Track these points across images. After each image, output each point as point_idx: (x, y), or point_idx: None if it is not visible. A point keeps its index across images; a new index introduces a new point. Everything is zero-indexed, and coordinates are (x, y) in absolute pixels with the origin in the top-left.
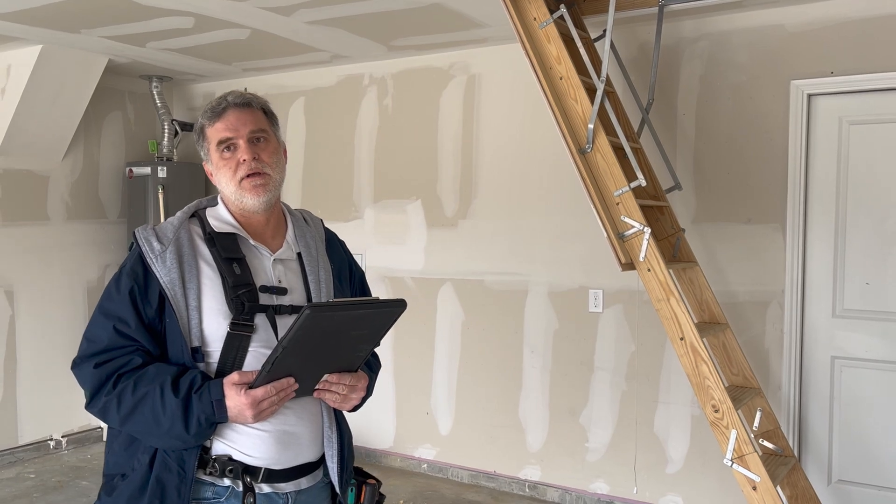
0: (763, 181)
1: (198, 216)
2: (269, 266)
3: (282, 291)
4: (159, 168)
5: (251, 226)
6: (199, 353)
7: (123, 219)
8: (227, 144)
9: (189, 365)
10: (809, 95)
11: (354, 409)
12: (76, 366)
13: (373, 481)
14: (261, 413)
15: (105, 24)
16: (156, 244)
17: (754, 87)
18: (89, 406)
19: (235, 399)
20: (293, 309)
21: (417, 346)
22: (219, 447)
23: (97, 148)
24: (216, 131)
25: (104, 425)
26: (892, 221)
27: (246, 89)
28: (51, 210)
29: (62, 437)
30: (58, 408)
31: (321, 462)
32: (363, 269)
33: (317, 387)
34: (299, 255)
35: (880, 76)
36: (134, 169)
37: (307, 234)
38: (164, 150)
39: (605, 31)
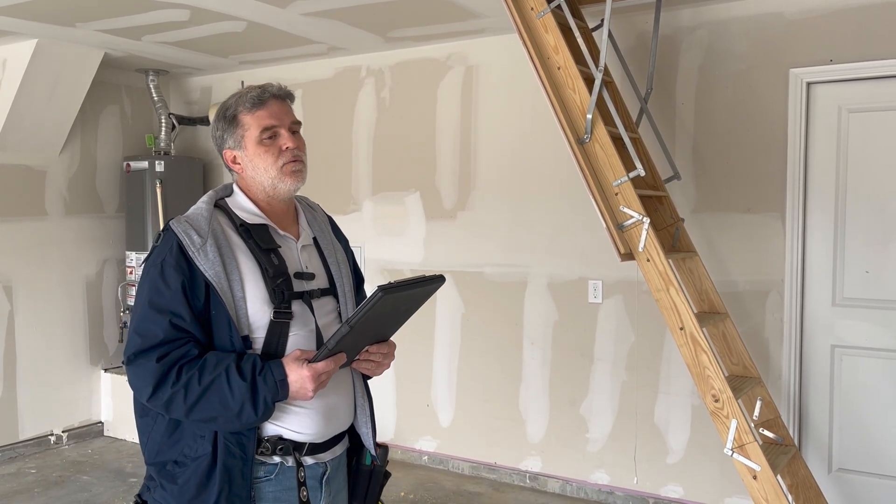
0: (762, 170)
1: (220, 207)
2: (297, 253)
3: (310, 277)
4: (157, 162)
5: (275, 214)
6: (247, 341)
7: (121, 213)
8: (271, 132)
9: (239, 350)
10: (808, 83)
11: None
12: (132, 362)
13: (384, 444)
14: (319, 386)
15: (100, 18)
16: (196, 237)
17: (753, 75)
18: (151, 399)
19: (297, 373)
20: (322, 292)
21: (417, 339)
22: (269, 428)
23: (94, 142)
24: (258, 119)
25: (105, 419)
26: (891, 209)
27: (243, 83)
28: (49, 205)
29: (63, 432)
30: (58, 403)
31: (349, 428)
32: (362, 260)
33: (356, 357)
34: (314, 239)
35: (880, 64)
36: (131, 163)
37: (317, 219)
38: (162, 145)
39: (603, 20)
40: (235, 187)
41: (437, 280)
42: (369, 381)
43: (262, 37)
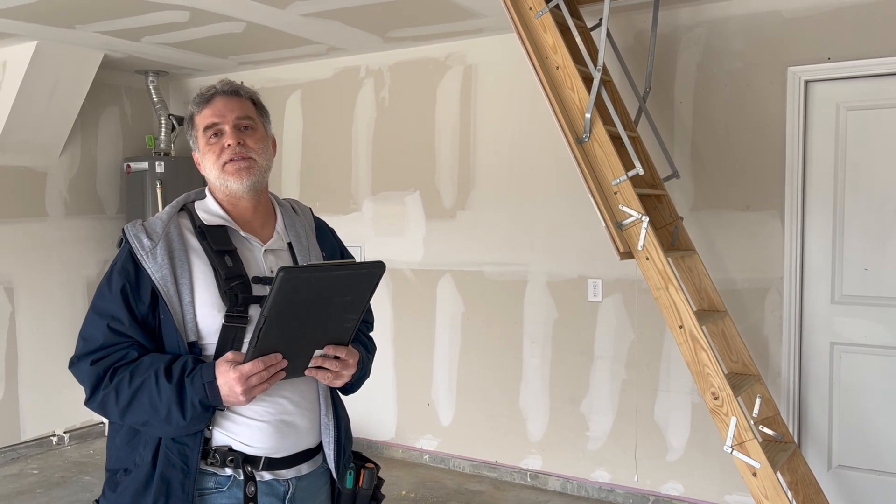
0: (761, 168)
1: (186, 209)
2: (260, 257)
3: (271, 281)
4: (157, 163)
5: (240, 215)
6: (196, 347)
7: (122, 214)
8: (214, 130)
9: (182, 354)
10: (807, 81)
11: (351, 389)
12: (73, 364)
13: (371, 465)
14: (251, 390)
15: (100, 19)
16: (146, 241)
17: (751, 73)
18: (89, 402)
19: (225, 376)
20: None
21: (418, 338)
22: (219, 438)
23: (94, 143)
24: (203, 117)
25: (106, 420)
26: (890, 207)
27: (242, 83)
28: (49, 206)
29: (64, 432)
30: (60, 404)
31: (321, 447)
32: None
33: (309, 365)
34: (290, 244)
35: (878, 61)
36: (132, 164)
37: (297, 224)
38: (162, 145)
39: (601, 19)
40: (206, 189)
41: (373, 267)
42: (345, 398)
43: (262, 37)
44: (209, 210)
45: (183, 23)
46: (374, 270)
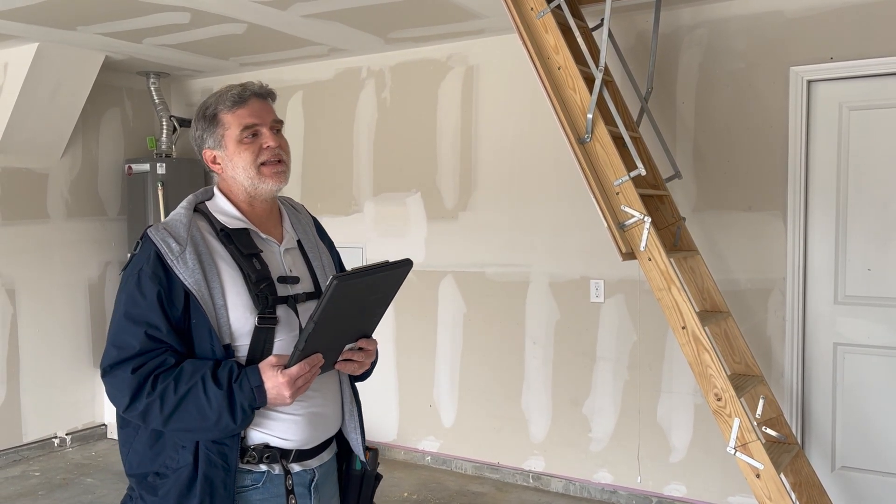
0: (763, 168)
1: (200, 211)
2: (280, 257)
3: (295, 280)
4: (158, 164)
5: (256, 216)
6: (229, 349)
7: (123, 216)
8: (252, 130)
9: (221, 360)
10: (809, 81)
11: (366, 376)
12: (108, 374)
13: (373, 447)
14: (297, 391)
15: (101, 21)
16: (174, 245)
17: (753, 74)
18: (128, 410)
19: (273, 380)
20: (308, 296)
21: (419, 339)
22: (255, 436)
23: (96, 145)
24: (239, 117)
25: (108, 422)
26: (893, 207)
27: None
28: (51, 208)
29: (66, 434)
30: (61, 406)
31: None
32: (363, 262)
33: (339, 359)
34: (298, 242)
35: (880, 61)
36: (133, 166)
37: (301, 222)
38: (163, 147)
39: (602, 19)
40: (216, 190)
41: (404, 265)
42: (358, 385)
43: (263, 38)
44: (225, 212)
45: (184, 24)
46: (406, 268)
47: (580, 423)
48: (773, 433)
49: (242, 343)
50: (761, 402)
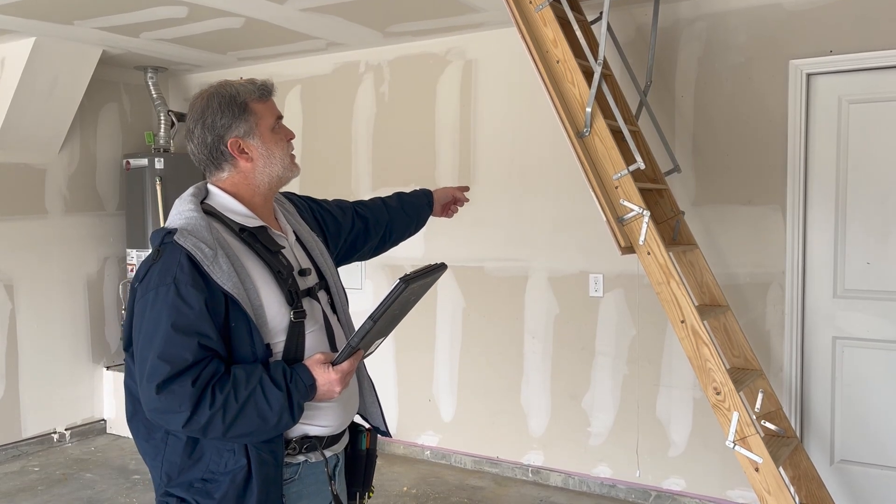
0: (763, 162)
1: (206, 212)
2: (293, 250)
3: (307, 272)
4: (156, 159)
5: (263, 212)
6: (268, 348)
7: (122, 211)
8: (279, 124)
9: (262, 360)
10: (808, 75)
11: None
12: (164, 389)
13: (370, 427)
14: (345, 386)
15: (98, 15)
16: (207, 250)
17: (753, 67)
18: (188, 424)
19: (325, 377)
20: (321, 286)
21: (419, 334)
22: (295, 428)
23: (94, 140)
24: (270, 108)
25: (107, 417)
26: (892, 201)
27: (241, 79)
28: (49, 203)
29: (66, 429)
30: (61, 401)
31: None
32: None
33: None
34: (294, 233)
35: (880, 54)
36: (131, 161)
37: (288, 211)
38: (161, 142)
39: (601, 13)
40: (213, 188)
41: (442, 268)
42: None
43: (261, 33)
44: (235, 210)
45: (181, 18)
46: (444, 270)
47: (579, 417)
48: (772, 427)
49: (279, 340)
50: (760, 395)
